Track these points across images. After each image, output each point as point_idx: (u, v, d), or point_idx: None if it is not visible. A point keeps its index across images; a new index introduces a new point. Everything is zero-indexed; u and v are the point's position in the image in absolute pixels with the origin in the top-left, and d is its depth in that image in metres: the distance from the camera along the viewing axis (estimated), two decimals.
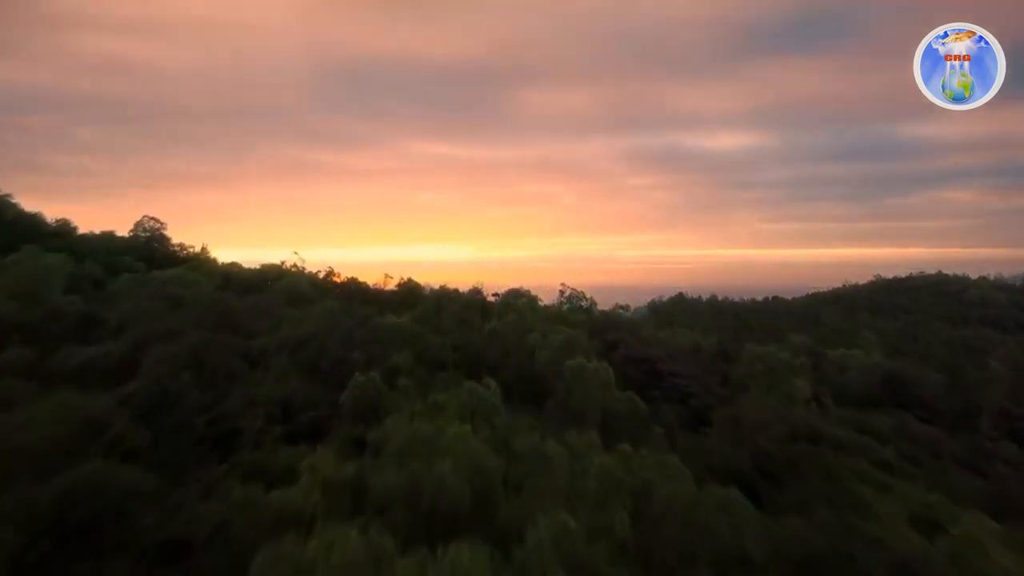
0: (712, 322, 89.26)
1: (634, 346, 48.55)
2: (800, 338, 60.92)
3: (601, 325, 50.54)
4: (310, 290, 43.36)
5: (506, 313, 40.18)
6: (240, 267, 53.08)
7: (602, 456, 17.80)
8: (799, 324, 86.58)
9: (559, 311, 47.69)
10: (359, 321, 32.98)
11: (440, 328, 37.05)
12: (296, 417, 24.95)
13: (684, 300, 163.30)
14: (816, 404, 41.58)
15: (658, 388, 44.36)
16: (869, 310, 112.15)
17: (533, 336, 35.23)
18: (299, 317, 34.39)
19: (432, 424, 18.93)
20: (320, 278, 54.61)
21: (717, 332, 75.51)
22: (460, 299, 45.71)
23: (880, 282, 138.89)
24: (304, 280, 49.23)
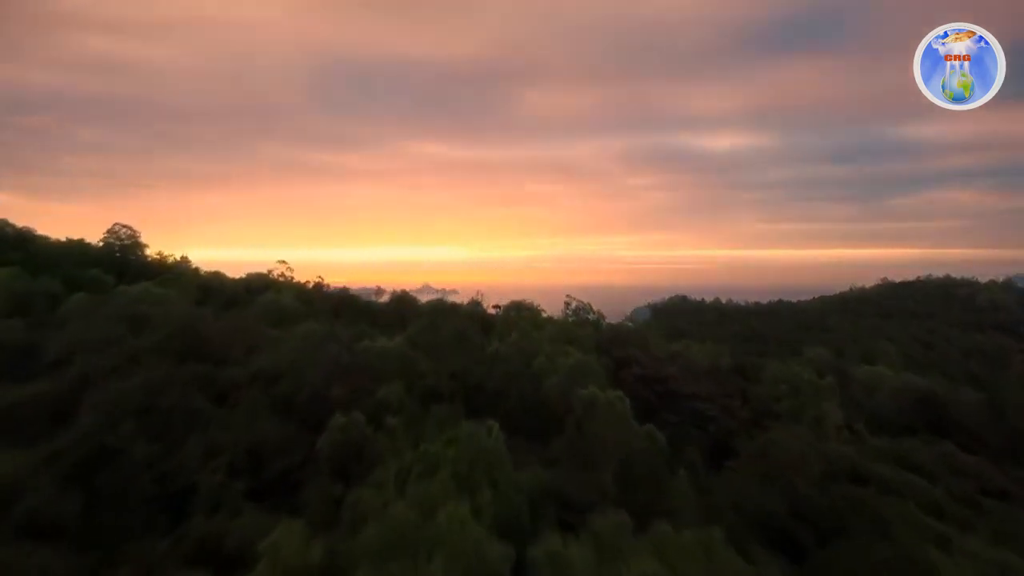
0: (720, 329, 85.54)
1: (647, 364, 44.78)
2: (818, 351, 57.12)
3: (610, 340, 46.82)
4: (295, 305, 39.52)
5: (508, 331, 36.39)
6: (223, 277, 49.20)
7: (637, 551, 13.96)
8: (810, 331, 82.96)
9: (565, 324, 43.89)
10: (344, 346, 29.15)
11: (436, 350, 33.22)
12: (266, 467, 21.12)
13: (687, 303, 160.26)
14: (848, 432, 37.85)
15: (674, 411, 40.59)
16: (878, 315, 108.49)
17: (539, 361, 31.42)
18: (279, 340, 30.56)
19: (420, 504, 15.07)
20: (309, 288, 50.75)
21: (727, 341, 71.84)
22: (458, 314, 41.93)
23: (887, 285, 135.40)
24: (290, 293, 45.37)
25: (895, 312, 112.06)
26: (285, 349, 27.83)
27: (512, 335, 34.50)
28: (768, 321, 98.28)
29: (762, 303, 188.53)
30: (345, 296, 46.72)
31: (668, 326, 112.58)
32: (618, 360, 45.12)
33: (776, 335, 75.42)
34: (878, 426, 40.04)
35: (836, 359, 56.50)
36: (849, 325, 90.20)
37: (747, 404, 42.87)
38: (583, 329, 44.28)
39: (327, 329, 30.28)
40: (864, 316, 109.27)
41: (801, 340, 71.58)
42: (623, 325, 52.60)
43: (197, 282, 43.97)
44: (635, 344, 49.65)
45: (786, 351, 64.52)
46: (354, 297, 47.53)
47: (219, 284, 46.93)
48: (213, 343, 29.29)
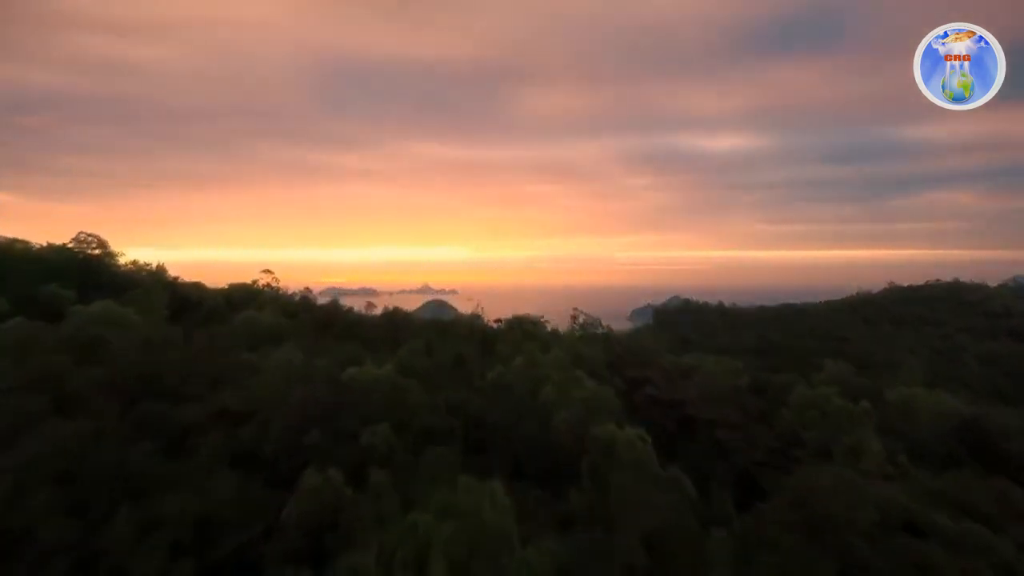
0: (728, 338, 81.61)
1: (661, 385, 40.87)
2: (839, 366, 53.33)
3: (621, 359, 42.90)
4: (277, 323, 35.53)
5: (512, 353, 32.41)
6: (202, 289, 45.13)
7: None
8: (823, 341, 79.08)
9: (572, 341, 39.93)
10: (325, 377, 25.12)
11: (431, 376, 29.23)
12: (218, 542, 17.12)
13: (690, 306, 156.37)
14: (892, 466, 33.93)
15: (693, 440, 36.76)
16: (889, 321, 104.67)
17: (548, 390, 27.43)
18: (251, 369, 26.53)
19: None
20: (295, 301, 46.72)
21: (738, 352, 67.90)
22: (457, 332, 37.95)
23: (894, 289, 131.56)
24: (274, 306, 41.34)
25: (906, 318, 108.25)
26: (256, 383, 23.81)
27: (516, 358, 30.48)
28: (777, 328, 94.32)
29: (767, 307, 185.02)
30: (333, 311, 42.67)
31: (673, 333, 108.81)
32: (630, 381, 41.21)
33: (788, 344, 71.47)
34: (918, 457, 36.12)
35: (859, 375, 52.66)
36: (863, 334, 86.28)
37: (771, 431, 39.03)
38: (592, 347, 40.29)
39: (305, 360, 26.20)
40: (875, 323, 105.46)
41: (815, 351, 67.60)
42: (634, 339, 48.54)
43: (172, 295, 39.89)
44: (648, 362, 45.71)
45: (802, 364, 60.54)
46: (342, 311, 43.50)
47: (197, 297, 42.88)
48: (175, 374, 25.26)
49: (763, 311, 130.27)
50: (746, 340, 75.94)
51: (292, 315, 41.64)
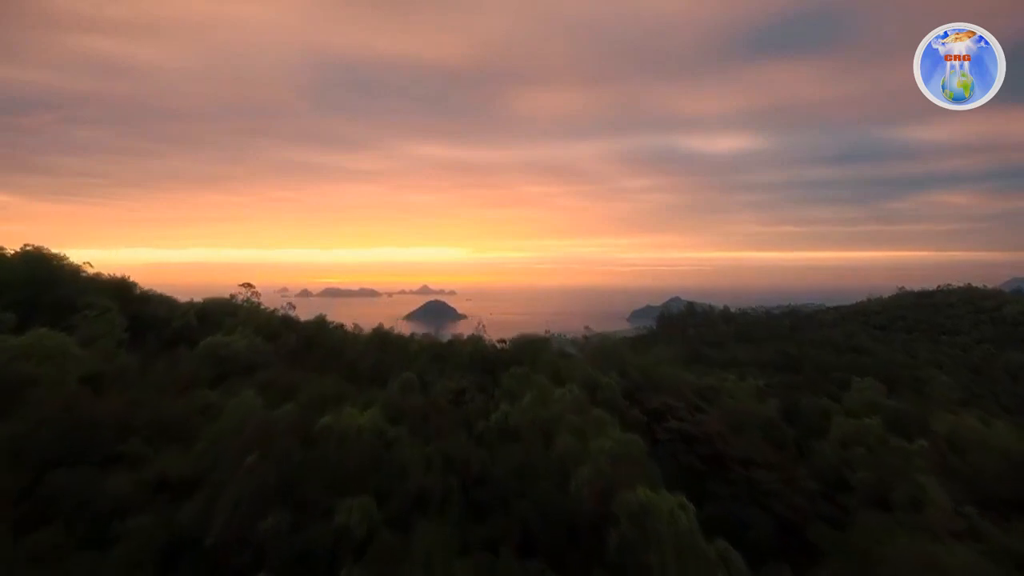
0: (741, 348, 77.01)
1: (685, 416, 36.26)
2: (870, 386, 48.59)
3: (640, 385, 38.30)
4: (252, 347, 30.82)
5: (519, 386, 27.76)
6: (171, 304, 40.32)
7: None
8: (842, 354, 74.48)
9: (585, 369, 35.30)
10: (294, 429, 20.42)
11: (425, 419, 24.58)
12: None
13: (694, 311, 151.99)
14: (961, 520, 29.38)
15: (724, 481, 32.08)
16: (904, 329, 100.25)
17: (564, 440, 22.76)
18: (208, 415, 21.83)
19: None
20: (277, 318, 41.94)
21: (754, 366, 63.37)
22: (456, 355, 33.31)
23: (905, 295, 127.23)
24: (250, 326, 36.58)
25: (920, 326, 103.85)
26: (205, 441, 19.10)
27: (525, 397, 25.83)
28: (790, 337, 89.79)
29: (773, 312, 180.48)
30: (316, 330, 37.88)
31: (679, 341, 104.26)
32: (650, 412, 36.59)
33: (806, 356, 66.88)
34: (981, 504, 31.57)
35: (891, 395, 48.17)
36: (882, 344, 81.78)
37: (801, 457, 34.41)
38: (607, 375, 35.67)
39: (269, 407, 21.43)
40: (888, 330, 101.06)
41: (835, 364, 63.07)
42: (650, 363, 43.85)
43: (134, 314, 35.14)
44: (668, 387, 41.06)
45: (826, 380, 56.07)
46: (327, 329, 38.77)
47: (165, 314, 38.11)
48: (111, 424, 20.53)
49: (771, 318, 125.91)
50: (762, 352, 71.37)
51: (271, 336, 36.91)
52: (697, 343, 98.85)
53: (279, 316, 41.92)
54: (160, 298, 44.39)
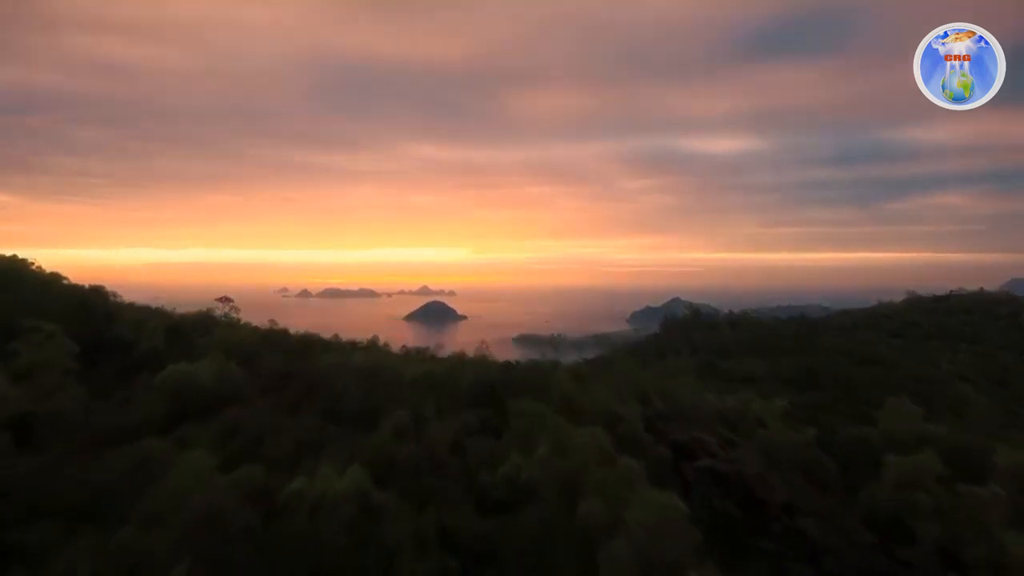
0: (758, 361, 72.65)
1: (716, 451, 31.92)
2: (906, 409, 44.21)
3: (663, 416, 34.01)
4: (221, 378, 26.40)
5: (531, 429, 23.40)
6: (142, 320, 35.89)
7: None
8: (862, 365, 70.18)
9: (605, 399, 30.98)
10: (252, 501, 16.06)
11: (418, 476, 20.21)
12: None
13: (700, 317, 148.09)
14: None
15: (765, 532, 27.79)
16: (920, 337, 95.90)
17: (590, 505, 18.40)
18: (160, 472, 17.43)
19: None
20: (260, 333, 37.57)
21: (776, 382, 59.09)
22: (456, 387, 28.92)
23: (917, 301, 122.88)
24: (226, 347, 32.21)
25: (936, 333, 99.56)
26: (133, 527, 14.69)
27: (539, 444, 21.47)
28: (804, 347, 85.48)
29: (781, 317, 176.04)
30: (300, 354, 33.49)
31: (688, 350, 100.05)
32: (677, 447, 32.23)
33: (827, 370, 62.58)
34: None
35: (930, 418, 43.90)
36: (902, 355, 77.47)
37: (863, 515, 30.03)
38: (628, 405, 31.39)
39: (224, 475, 16.99)
40: (906, 338, 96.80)
41: (860, 380, 58.79)
42: (673, 385, 39.44)
43: (91, 334, 30.73)
44: (693, 415, 36.69)
45: (853, 398, 51.80)
46: (313, 352, 34.42)
47: (132, 334, 33.70)
48: (19, 495, 16.12)
49: (780, 325, 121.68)
50: (778, 365, 67.07)
51: (249, 359, 32.52)
52: (706, 352, 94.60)
53: (261, 332, 37.48)
54: (134, 310, 40.07)
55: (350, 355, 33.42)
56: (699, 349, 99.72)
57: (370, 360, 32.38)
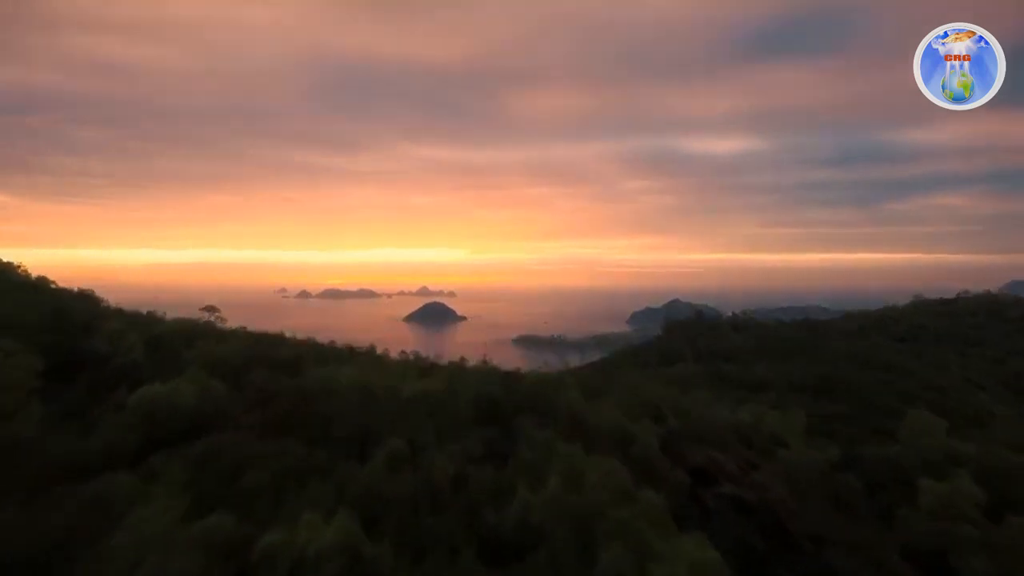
0: (767, 366, 70.42)
1: (737, 475, 29.62)
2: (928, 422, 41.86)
3: (678, 435, 31.71)
4: (202, 398, 24.05)
5: (540, 460, 21.07)
6: (122, 329, 33.47)
7: None
8: (873, 369, 67.94)
9: (616, 420, 28.65)
10: (219, 552, 13.69)
11: (414, 517, 17.85)
12: None
13: (701, 316, 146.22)
14: None
15: (792, 566, 25.46)
16: (930, 342, 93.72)
17: (611, 554, 16.07)
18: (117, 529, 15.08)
19: None
20: (251, 346, 35.16)
21: (788, 390, 56.80)
22: (456, 410, 26.57)
23: (925, 304, 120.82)
24: (209, 360, 29.85)
25: (945, 338, 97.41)
26: None
27: (551, 479, 19.15)
28: (812, 349, 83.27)
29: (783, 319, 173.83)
30: (293, 367, 31.10)
31: (691, 353, 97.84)
32: (696, 471, 29.88)
33: (840, 378, 60.34)
34: None
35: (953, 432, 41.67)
36: (914, 361, 75.25)
37: (900, 546, 27.69)
38: (640, 423, 29.11)
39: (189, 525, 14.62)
40: (914, 341, 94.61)
41: (875, 388, 56.57)
42: (686, 400, 37.10)
43: (57, 348, 28.34)
44: (708, 432, 34.38)
45: (870, 409, 49.57)
46: (307, 367, 32.02)
47: (110, 346, 31.30)
48: None
49: (785, 328, 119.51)
50: (788, 371, 64.80)
51: (236, 373, 30.18)
52: (710, 357, 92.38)
53: (249, 342, 35.09)
54: (119, 318, 37.59)
55: (343, 369, 31.01)
56: (703, 354, 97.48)
57: (363, 376, 30.00)
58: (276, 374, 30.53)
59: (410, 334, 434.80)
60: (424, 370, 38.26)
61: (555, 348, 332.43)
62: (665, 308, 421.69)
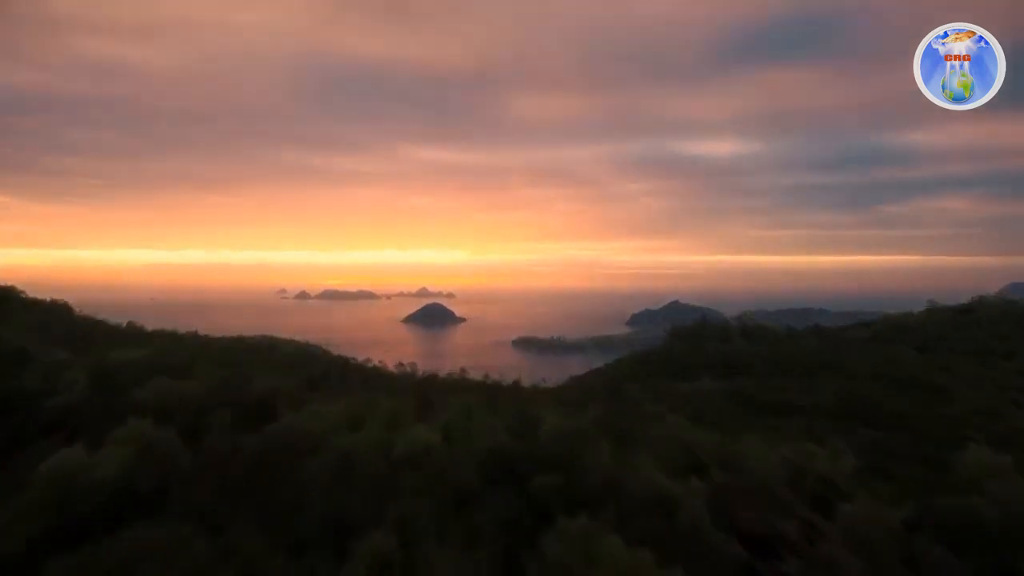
0: (789, 383, 65.26)
1: (799, 544, 24.34)
2: (990, 461, 36.77)
3: (726, 492, 26.46)
4: (130, 471, 18.62)
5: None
6: (67, 359, 28.03)
7: None
8: (905, 387, 62.77)
9: (655, 481, 23.21)
10: None
11: None
12: None
13: (710, 323, 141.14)
14: None
15: None
16: (954, 351, 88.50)
17: None
18: None
19: None
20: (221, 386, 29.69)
21: (821, 415, 51.58)
22: (460, 465, 21.24)
23: (940, 310, 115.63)
24: (164, 402, 24.43)
25: (969, 347, 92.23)
26: None
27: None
28: (833, 362, 78.08)
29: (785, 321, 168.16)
30: (256, 415, 25.64)
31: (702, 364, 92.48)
32: (749, 539, 24.62)
33: (873, 398, 55.12)
34: None
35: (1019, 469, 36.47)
36: (941, 374, 70.09)
37: None
38: (683, 480, 23.84)
39: None
40: (939, 353, 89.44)
41: (914, 411, 51.35)
42: (729, 445, 31.66)
43: None
44: (758, 483, 29.12)
45: (919, 439, 44.34)
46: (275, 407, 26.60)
47: (37, 388, 25.83)
48: None
49: (796, 336, 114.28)
50: (819, 390, 59.57)
51: (194, 416, 24.77)
52: (722, 368, 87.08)
53: (220, 380, 29.58)
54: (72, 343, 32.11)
55: (324, 412, 25.59)
56: (713, 364, 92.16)
57: (350, 414, 24.65)
58: (243, 421, 25.10)
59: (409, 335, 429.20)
60: (421, 401, 32.90)
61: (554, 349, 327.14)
62: (665, 310, 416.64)
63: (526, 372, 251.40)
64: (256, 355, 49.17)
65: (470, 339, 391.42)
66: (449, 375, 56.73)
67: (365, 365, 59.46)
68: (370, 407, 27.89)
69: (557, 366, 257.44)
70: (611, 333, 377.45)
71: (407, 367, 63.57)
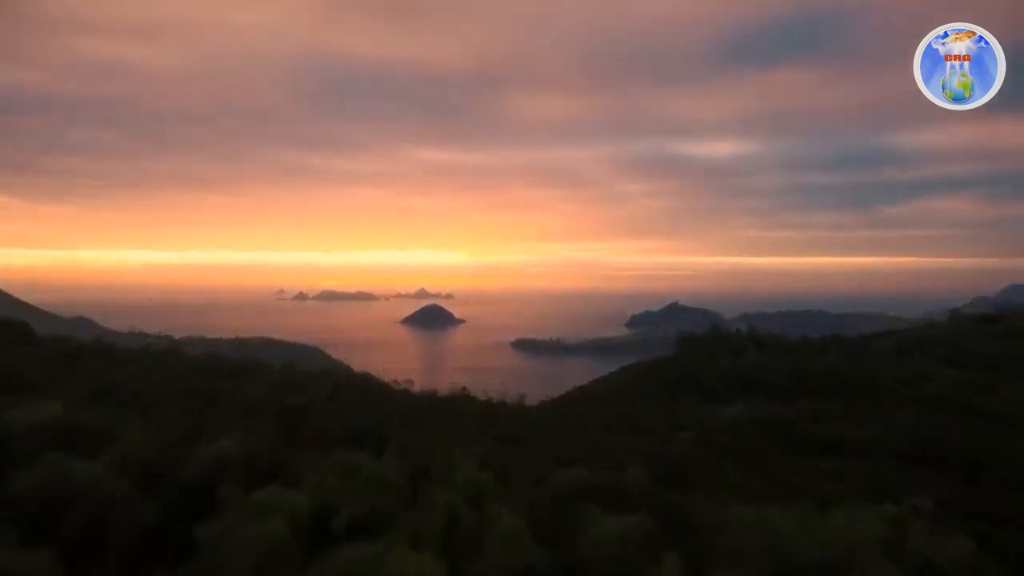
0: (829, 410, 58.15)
1: None
2: None
3: None
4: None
5: None
6: None
7: None
8: (951, 412, 55.93)
9: None
10: None
11: None
12: None
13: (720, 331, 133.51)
14: None
15: None
16: (991, 368, 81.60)
17: None
18: None
19: None
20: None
21: (877, 455, 44.51)
22: None
23: (965, 318, 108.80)
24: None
25: (999, 360, 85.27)
26: None
27: None
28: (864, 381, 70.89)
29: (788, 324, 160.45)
30: None
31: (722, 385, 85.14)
32: None
33: (923, 432, 48.07)
34: None
35: None
36: (985, 395, 62.98)
37: None
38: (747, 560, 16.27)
39: None
40: (969, 368, 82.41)
41: (972, 444, 44.34)
42: None
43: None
44: None
45: (1000, 488, 37.32)
46: None
47: None
48: None
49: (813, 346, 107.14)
50: (868, 421, 52.30)
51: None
52: (740, 386, 79.84)
53: (152, 455, 21.95)
54: None
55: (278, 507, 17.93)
56: (729, 379, 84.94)
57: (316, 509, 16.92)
58: (167, 520, 17.50)
59: (408, 337, 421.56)
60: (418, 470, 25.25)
61: (554, 351, 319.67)
62: (665, 311, 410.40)
63: (526, 375, 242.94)
64: (230, 383, 41.23)
65: (469, 340, 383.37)
66: (450, 386, 49.50)
67: (367, 382, 51.62)
68: (347, 491, 20.49)
69: (557, 368, 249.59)
70: (611, 335, 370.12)
71: (400, 383, 56.00)
